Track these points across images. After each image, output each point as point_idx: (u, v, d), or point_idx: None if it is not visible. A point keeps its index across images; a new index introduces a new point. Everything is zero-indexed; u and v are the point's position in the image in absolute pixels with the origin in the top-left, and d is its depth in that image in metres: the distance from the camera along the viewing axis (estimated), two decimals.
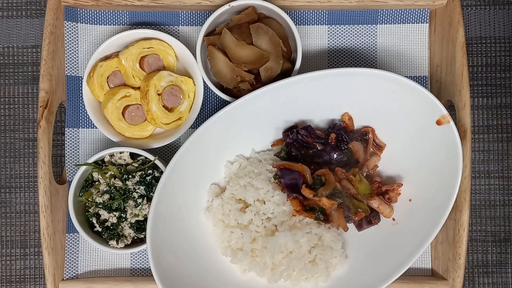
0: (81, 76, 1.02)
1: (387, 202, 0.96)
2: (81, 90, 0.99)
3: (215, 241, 0.98)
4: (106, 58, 0.98)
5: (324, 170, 0.93)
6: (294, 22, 0.96)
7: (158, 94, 0.97)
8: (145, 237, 0.93)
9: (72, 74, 1.02)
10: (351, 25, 1.03)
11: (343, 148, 0.95)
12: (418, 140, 0.95)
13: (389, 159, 0.98)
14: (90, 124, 1.03)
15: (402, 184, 0.96)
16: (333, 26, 1.03)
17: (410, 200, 0.96)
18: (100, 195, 0.95)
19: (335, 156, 0.95)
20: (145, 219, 0.97)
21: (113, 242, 0.97)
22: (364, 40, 1.04)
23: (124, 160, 0.98)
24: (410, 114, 0.93)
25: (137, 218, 0.96)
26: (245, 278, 0.98)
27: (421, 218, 0.94)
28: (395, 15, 1.03)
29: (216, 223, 0.97)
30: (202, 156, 0.95)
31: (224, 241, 0.97)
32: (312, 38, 1.04)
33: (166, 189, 0.91)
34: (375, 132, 0.97)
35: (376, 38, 1.04)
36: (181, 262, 0.94)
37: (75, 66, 1.02)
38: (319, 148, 0.95)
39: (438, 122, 0.91)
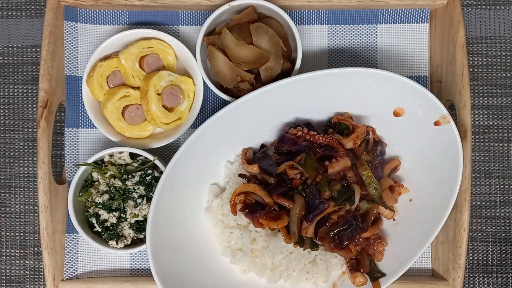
0: (80, 76, 1.02)
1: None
2: (81, 90, 0.99)
3: (215, 242, 0.98)
4: (106, 58, 0.98)
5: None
6: (294, 22, 0.96)
7: (158, 94, 0.97)
8: (144, 237, 0.93)
9: (72, 74, 1.02)
10: (351, 25, 1.03)
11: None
12: (418, 140, 0.95)
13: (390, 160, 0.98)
14: (89, 124, 1.02)
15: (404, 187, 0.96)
16: (333, 25, 1.03)
17: (410, 200, 0.96)
18: (99, 195, 0.95)
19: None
20: (145, 219, 0.97)
21: (112, 242, 0.97)
22: (364, 39, 1.04)
23: (124, 160, 0.98)
24: (410, 114, 0.93)
25: (136, 218, 0.96)
26: (244, 279, 0.97)
27: (421, 219, 0.94)
28: (395, 14, 1.03)
29: (216, 224, 0.97)
30: (202, 156, 0.95)
31: (223, 242, 0.97)
32: (312, 37, 1.04)
33: (166, 189, 0.91)
34: (375, 132, 0.96)
35: (376, 38, 1.04)
36: (180, 262, 0.94)
37: (74, 66, 1.02)
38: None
39: (436, 123, 0.91)
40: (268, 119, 0.96)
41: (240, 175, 0.96)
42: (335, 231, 0.90)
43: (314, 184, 0.89)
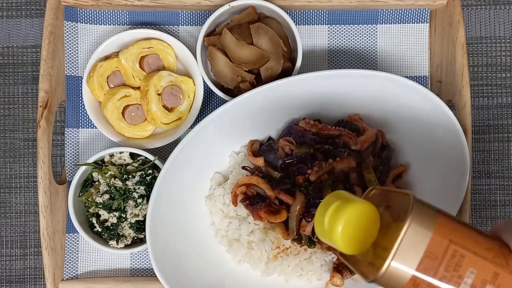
0: (81, 76, 1.02)
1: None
2: (81, 90, 0.99)
3: (213, 229, 0.99)
4: (106, 58, 0.98)
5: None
6: (294, 22, 0.96)
7: (158, 94, 0.97)
8: (145, 237, 0.93)
9: (72, 74, 1.02)
10: (351, 25, 1.03)
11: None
12: (426, 148, 0.94)
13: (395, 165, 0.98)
14: (90, 124, 1.03)
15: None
16: (333, 26, 1.03)
17: None
18: (100, 195, 0.95)
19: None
20: (145, 219, 0.97)
21: (113, 242, 0.97)
22: (364, 40, 1.04)
23: (124, 160, 0.98)
24: (419, 122, 0.93)
25: (137, 218, 0.96)
26: (239, 268, 0.98)
27: None
28: (395, 15, 1.03)
29: (216, 212, 0.97)
30: (210, 143, 0.94)
31: (221, 230, 0.97)
32: (312, 37, 1.04)
33: (171, 172, 0.91)
34: (384, 136, 0.96)
35: (376, 38, 1.04)
36: (177, 243, 0.94)
37: (75, 66, 1.02)
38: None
39: None
40: (278, 113, 0.96)
41: (244, 167, 0.96)
42: None
43: (318, 182, 0.90)
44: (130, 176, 0.96)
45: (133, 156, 0.99)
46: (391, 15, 1.03)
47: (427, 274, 0.58)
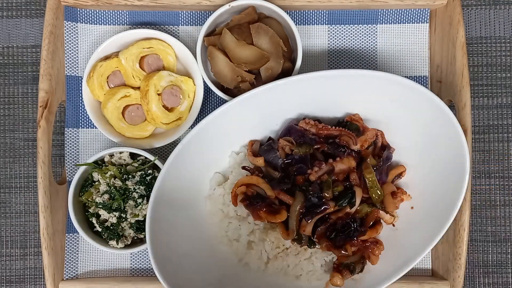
0: (81, 76, 1.02)
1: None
2: (81, 90, 0.99)
3: (213, 229, 0.98)
4: (106, 58, 0.98)
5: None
6: (294, 22, 0.96)
7: (158, 94, 0.97)
8: (145, 237, 0.93)
9: (72, 74, 1.02)
10: (351, 25, 1.03)
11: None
12: (425, 148, 0.94)
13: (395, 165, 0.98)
14: (90, 124, 1.02)
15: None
16: (333, 26, 1.03)
17: (412, 208, 0.96)
18: (100, 195, 0.95)
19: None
20: (145, 219, 0.96)
21: (113, 242, 0.97)
22: (364, 40, 1.04)
23: (124, 160, 0.98)
24: (418, 122, 0.93)
25: (137, 218, 0.96)
26: (240, 268, 0.98)
27: (421, 227, 0.94)
28: (395, 15, 1.03)
29: (216, 212, 0.97)
30: (209, 144, 0.94)
31: (221, 230, 0.97)
32: (312, 37, 1.04)
33: (171, 172, 0.91)
34: (384, 136, 0.96)
35: (376, 38, 1.04)
36: (178, 243, 0.94)
37: (75, 66, 1.02)
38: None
39: None
40: (278, 114, 0.96)
41: (244, 167, 0.96)
42: (332, 232, 0.91)
43: (317, 182, 0.90)
44: (130, 176, 0.96)
45: (133, 156, 0.99)
46: (391, 15, 1.03)
47: None
